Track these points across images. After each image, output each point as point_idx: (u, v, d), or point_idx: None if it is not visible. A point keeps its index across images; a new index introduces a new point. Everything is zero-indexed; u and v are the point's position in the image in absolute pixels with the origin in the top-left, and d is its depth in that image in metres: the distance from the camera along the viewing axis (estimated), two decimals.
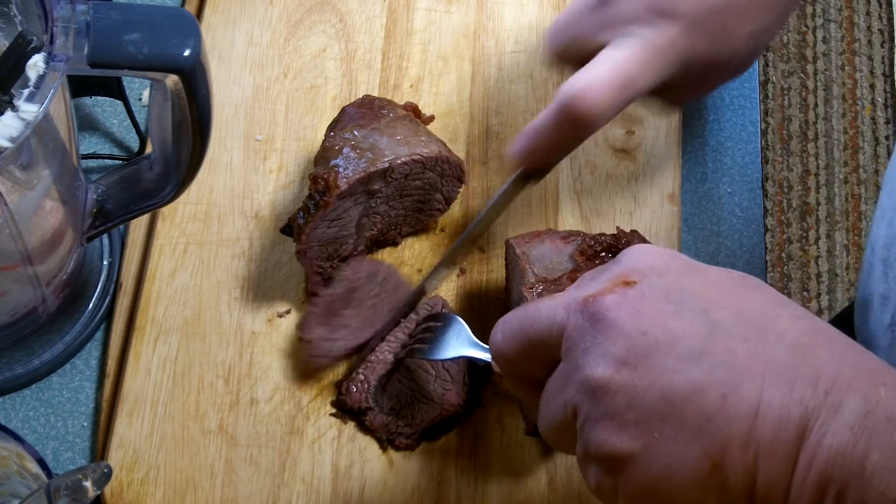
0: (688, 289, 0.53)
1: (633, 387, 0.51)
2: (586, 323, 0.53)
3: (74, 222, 0.73)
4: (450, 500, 0.75)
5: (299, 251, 0.77)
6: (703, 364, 0.50)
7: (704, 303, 0.52)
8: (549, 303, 0.56)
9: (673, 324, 0.51)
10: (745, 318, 0.52)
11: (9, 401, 0.79)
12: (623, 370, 0.51)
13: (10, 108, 0.58)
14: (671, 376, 0.50)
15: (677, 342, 0.51)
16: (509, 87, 0.90)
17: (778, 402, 0.49)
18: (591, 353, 0.52)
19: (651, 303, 0.53)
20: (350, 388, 0.76)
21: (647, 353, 0.51)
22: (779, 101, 2.03)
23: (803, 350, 0.50)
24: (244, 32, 0.90)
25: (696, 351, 0.50)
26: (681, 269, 0.55)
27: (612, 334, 0.52)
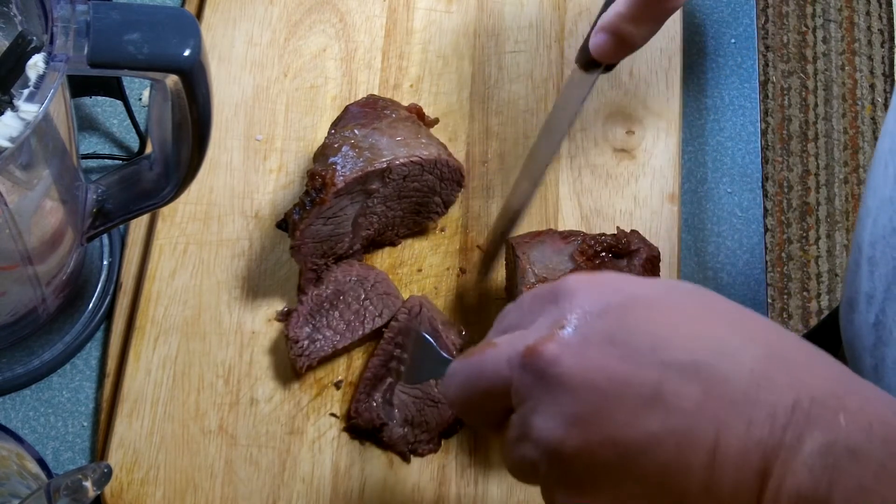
0: (633, 327, 0.50)
1: (587, 447, 0.48)
2: (530, 378, 0.50)
3: (74, 222, 0.73)
4: (450, 500, 0.75)
5: (293, 247, 0.77)
6: (655, 413, 0.47)
7: (652, 341, 0.49)
8: (493, 355, 0.53)
9: (620, 370, 0.48)
10: (697, 352, 0.48)
11: (9, 401, 0.79)
12: (573, 430, 0.48)
13: (10, 108, 0.58)
14: (623, 431, 0.48)
15: (626, 392, 0.48)
16: (509, 87, 0.90)
17: (735, 446, 0.46)
18: (540, 414, 0.50)
19: (595, 349, 0.49)
20: (358, 409, 0.76)
21: (597, 408, 0.48)
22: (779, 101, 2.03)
23: (758, 381, 0.47)
24: (244, 32, 0.90)
25: (646, 398, 0.48)
26: (624, 304, 0.51)
27: (558, 391, 0.49)
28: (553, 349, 0.50)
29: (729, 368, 0.48)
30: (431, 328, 0.78)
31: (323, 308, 0.78)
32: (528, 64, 0.91)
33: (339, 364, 0.79)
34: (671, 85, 0.90)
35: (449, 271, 0.83)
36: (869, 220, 0.74)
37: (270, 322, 0.80)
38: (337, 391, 0.78)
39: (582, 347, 0.50)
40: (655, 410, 0.47)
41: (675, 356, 0.48)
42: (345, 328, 0.78)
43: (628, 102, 0.89)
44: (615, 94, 0.90)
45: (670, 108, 0.89)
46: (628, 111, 0.89)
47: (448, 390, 0.56)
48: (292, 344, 0.77)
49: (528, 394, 0.51)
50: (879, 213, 0.72)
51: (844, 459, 0.45)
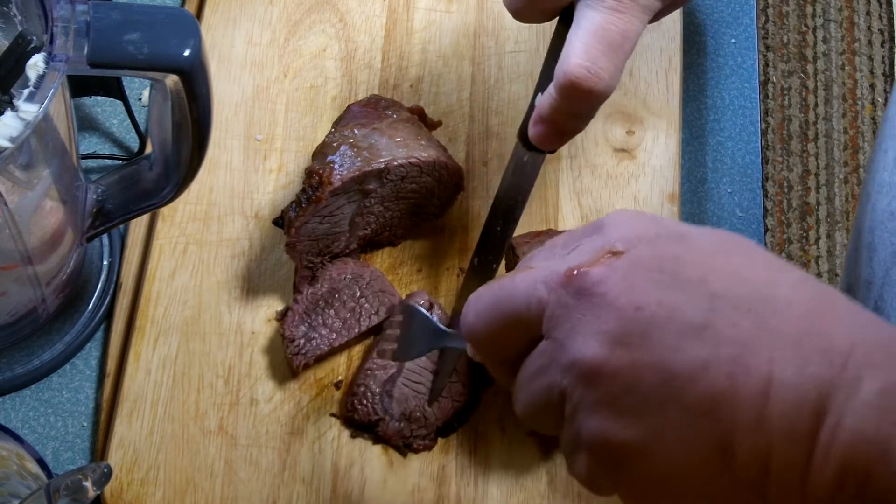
0: (682, 257, 0.48)
1: (630, 369, 0.46)
2: (571, 298, 0.48)
3: (74, 222, 0.73)
4: (450, 500, 0.75)
5: (289, 244, 0.77)
6: (705, 340, 0.46)
7: (701, 272, 0.47)
8: (526, 276, 0.50)
9: (669, 297, 0.47)
10: (747, 286, 0.47)
11: (9, 401, 0.79)
12: (617, 351, 0.46)
13: (10, 108, 0.58)
14: (672, 355, 0.46)
15: (675, 317, 0.46)
16: (509, 87, 0.90)
17: (791, 380, 0.45)
18: (580, 333, 0.47)
19: (643, 275, 0.47)
20: (355, 403, 0.76)
21: (644, 330, 0.46)
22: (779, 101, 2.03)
23: (813, 320, 0.46)
24: (244, 32, 0.90)
25: (697, 325, 0.46)
26: (671, 237, 0.49)
27: (603, 311, 0.47)
28: (600, 270, 0.48)
29: (782, 306, 0.46)
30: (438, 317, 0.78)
31: (318, 306, 0.78)
32: (528, 64, 0.91)
33: (339, 364, 0.79)
34: (671, 85, 0.90)
35: (449, 271, 0.83)
36: (868, 205, 0.74)
37: (270, 322, 0.80)
38: (337, 391, 0.78)
39: (630, 271, 0.48)
40: (706, 338, 0.46)
41: (726, 289, 0.47)
42: (341, 326, 0.78)
43: (628, 102, 0.89)
44: (615, 94, 0.89)
45: (670, 108, 0.89)
46: (628, 111, 0.89)
47: (469, 314, 0.53)
48: (288, 343, 0.77)
49: (565, 315, 0.48)
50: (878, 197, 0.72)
51: None
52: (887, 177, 0.71)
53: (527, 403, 0.51)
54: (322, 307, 0.78)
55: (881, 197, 0.72)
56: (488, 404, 0.78)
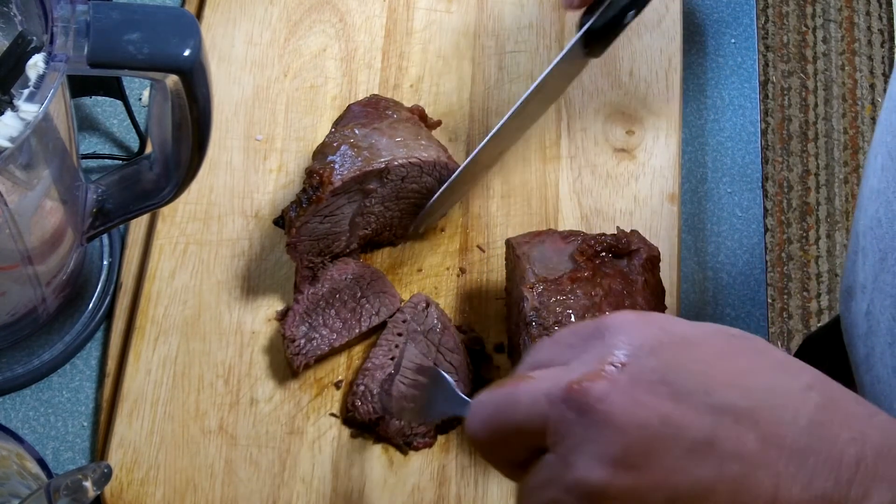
0: (686, 367, 0.47)
1: (635, 490, 0.46)
2: (573, 415, 0.47)
3: (74, 222, 0.73)
4: (450, 500, 0.75)
5: (290, 244, 0.77)
6: (710, 459, 0.45)
7: (706, 383, 0.47)
8: (529, 388, 0.50)
9: (673, 413, 0.46)
10: (752, 396, 0.46)
11: (9, 401, 0.79)
12: (621, 473, 0.46)
13: (10, 108, 0.58)
14: (676, 476, 0.45)
15: (680, 435, 0.46)
16: (509, 87, 0.90)
17: (797, 498, 0.44)
18: (583, 453, 0.47)
19: (646, 388, 0.47)
20: (355, 402, 0.76)
21: (647, 450, 0.46)
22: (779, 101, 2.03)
23: (820, 431, 0.45)
24: (244, 32, 0.90)
25: (701, 443, 0.45)
26: (675, 343, 0.48)
27: (605, 430, 0.46)
28: (601, 386, 0.47)
29: (787, 417, 0.46)
30: (441, 325, 0.78)
31: (319, 307, 0.78)
32: (528, 64, 0.91)
33: (339, 364, 0.79)
34: (671, 85, 0.90)
35: (449, 271, 0.83)
36: (862, 209, 0.74)
37: (270, 322, 0.80)
38: (337, 391, 0.78)
39: (632, 386, 0.47)
40: (710, 457, 0.45)
41: (730, 401, 0.46)
42: (341, 326, 0.78)
43: (628, 102, 0.89)
44: (615, 94, 0.90)
45: (670, 108, 0.89)
46: (628, 111, 0.89)
47: (472, 423, 0.52)
48: (289, 343, 0.77)
49: (568, 432, 0.47)
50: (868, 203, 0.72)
51: None
52: (875, 183, 0.71)
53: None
54: (323, 307, 0.78)
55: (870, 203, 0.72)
56: None
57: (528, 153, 0.87)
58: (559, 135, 0.88)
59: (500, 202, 0.85)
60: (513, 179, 0.86)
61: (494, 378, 0.79)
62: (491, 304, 0.82)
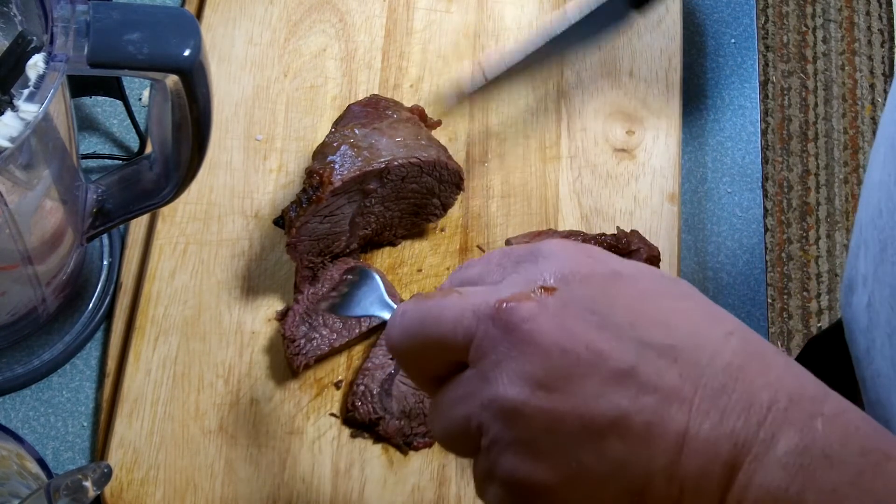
0: (615, 300, 0.48)
1: (551, 412, 0.46)
2: (499, 332, 0.47)
3: (74, 222, 0.73)
4: (450, 500, 0.75)
5: (290, 244, 0.77)
6: (628, 388, 0.46)
7: (633, 317, 0.47)
8: (456, 302, 0.50)
9: (598, 340, 0.46)
10: (676, 335, 0.47)
11: (9, 401, 0.79)
12: (539, 393, 0.46)
13: (10, 108, 0.58)
14: (593, 401, 0.46)
15: (601, 362, 0.46)
16: (509, 87, 0.90)
17: (706, 434, 0.45)
18: (504, 370, 0.47)
19: (574, 315, 0.47)
20: (355, 402, 0.76)
21: (568, 373, 0.46)
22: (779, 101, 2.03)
23: (736, 374, 0.46)
24: (244, 32, 0.90)
25: (621, 373, 0.46)
26: (607, 276, 0.49)
27: (529, 350, 0.47)
28: (529, 307, 0.47)
29: (707, 357, 0.46)
30: None
31: (319, 307, 0.78)
32: (528, 64, 0.90)
33: (339, 364, 0.79)
34: (671, 85, 0.90)
35: (449, 271, 0.83)
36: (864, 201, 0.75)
37: (270, 322, 0.80)
38: (337, 391, 0.78)
39: (560, 310, 0.47)
40: (628, 387, 0.46)
41: (654, 337, 0.47)
42: (341, 327, 0.78)
43: (628, 102, 0.89)
44: (615, 94, 0.90)
45: (670, 108, 0.89)
46: (628, 111, 0.89)
47: (393, 331, 0.52)
48: (288, 343, 0.77)
49: (491, 348, 0.48)
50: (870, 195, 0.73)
51: (820, 463, 0.44)
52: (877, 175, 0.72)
53: (443, 427, 0.51)
54: (322, 307, 0.78)
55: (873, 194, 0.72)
56: None
57: (528, 153, 0.87)
58: (559, 135, 0.88)
59: (500, 202, 0.85)
60: (513, 179, 0.86)
61: None
62: None
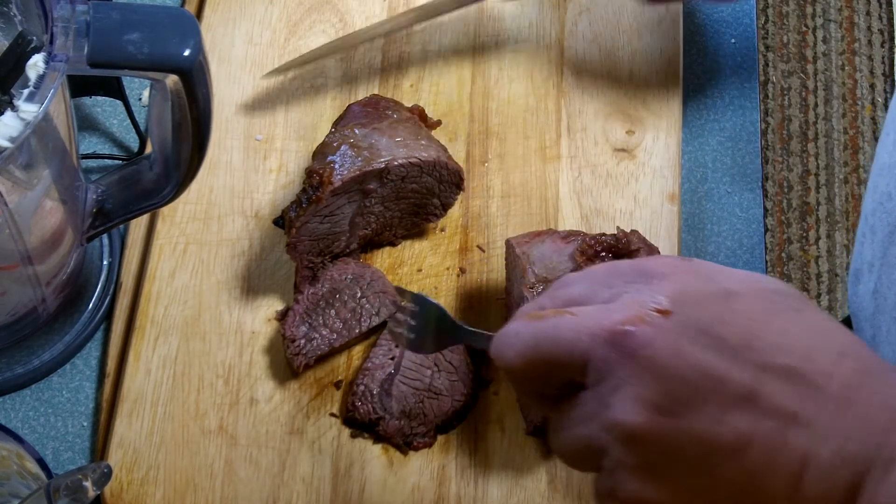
0: (730, 321, 0.48)
1: (672, 437, 0.47)
2: (617, 356, 0.48)
3: (74, 222, 0.73)
4: (450, 500, 0.75)
5: (290, 244, 0.77)
6: (748, 412, 0.46)
7: (748, 338, 0.48)
8: (571, 325, 0.50)
9: (715, 364, 0.47)
10: (793, 356, 0.47)
11: (9, 401, 0.79)
12: (659, 418, 0.47)
13: (10, 108, 0.58)
14: (714, 426, 0.46)
15: (720, 386, 0.47)
16: (509, 87, 0.90)
17: (827, 458, 0.45)
18: (624, 395, 0.47)
19: (690, 338, 0.47)
20: (355, 402, 0.76)
21: (688, 399, 0.47)
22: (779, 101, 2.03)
23: (853, 395, 0.46)
24: (244, 32, 0.90)
25: (741, 397, 0.46)
26: (720, 295, 0.49)
27: (647, 375, 0.47)
28: (647, 332, 0.48)
29: (824, 378, 0.47)
30: None
31: (319, 307, 0.78)
32: (528, 64, 0.91)
33: (338, 364, 0.79)
34: (671, 85, 0.90)
35: (449, 271, 0.83)
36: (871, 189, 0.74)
37: (270, 322, 0.80)
38: (337, 391, 0.78)
39: (677, 334, 0.48)
40: (748, 410, 0.46)
41: (771, 358, 0.47)
42: (341, 326, 0.78)
43: (628, 102, 0.89)
44: (615, 94, 0.90)
45: (670, 108, 0.89)
46: (628, 111, 0.89)
47: (507, 352, 0.53)
48: (289, 343, 0.77)
49: (610, 372, 0.48)
50: (879, 179, 0.72)
51: None
52: (887, 158, 0.71)
53: (565, 445, 0.52)
54: (323, 307, 0.78)
55: (881, 179, 0.72)
56: (488, 404, 0.78)
57: (528, 153, 0.87)
58: (559, 135, 0.88)
59: (500, 202, 0.85)
60: (513, 179, 0.86)
61: (494, 378, 0.79)
62: (491, 304, 0.82)
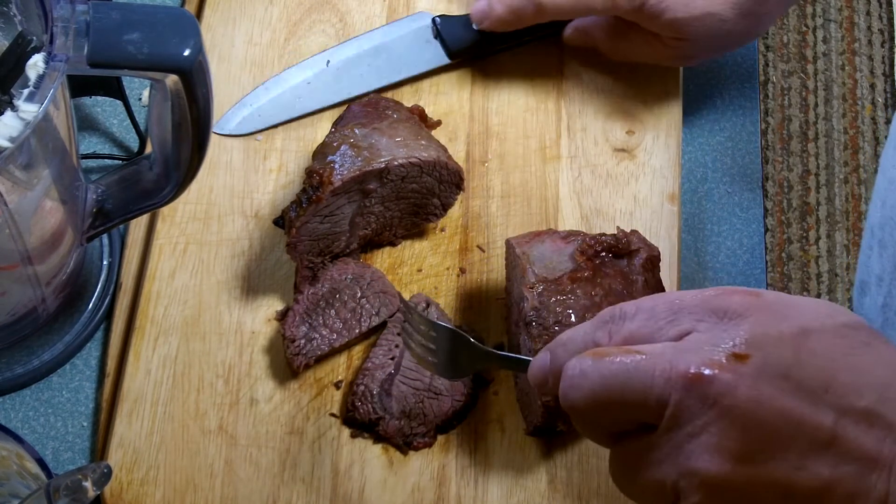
0: (806, 363, 0.48)
1: (753, 485, 0.47)
2: (695, 403, 0.47)
3: (74, 222, 0.73)
4: (450, 500, 0.75)
5: (289, 244, 0.77)
6: (828, 457, 0.46)
7: (825, 379, 0.47)
8: (642, 365, 0.49)
9: (795, 409, 0.47)
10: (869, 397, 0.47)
11: (9, 401, 0.79)
12: (740, 467, 0.47)
13: (10, 108, 0.58)
14: (795, 472, 0.46)
15: (800, 432, 0.46)
16: (509, 87, 0.90)
17: None
18: (703, 443, 0.47)
19: (769, 383, 0.47)
20: (355, 402, 0.76)
21: (768, 445, 0.47)
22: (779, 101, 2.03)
23: None
24: (244, 32, 0.90)
25: (821, 442, 0.46)
26: (796, 335, 0.49)
27: (727, 423, 0.47)
28: (727, 379, 0.47)
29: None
30: None
31: (319, 307, 0.78)
32: (528, 64, 0.90)
33: (339, 364, 0.79)
34: (671, 85, 0.90)
35: (449, 271, 0.83)
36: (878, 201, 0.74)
37: (270, 322, 0.80)
38: (337, 391, 0.78)
39: (756, 379, 0.47)
40: (828, 456, 0.46)
41: (849, 401, 0.47)
42: (341, 326, 0.78)
43: (628, 102, 0.89)
44: (615, 94, 0.90)
45: (670, 108, 0.89)
46: (628, 111, 0.89)
47: (574, 393, 0.52)
48: (289, 343, 0.77)
49: (688, 420, 0.48)
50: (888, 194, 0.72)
51: None
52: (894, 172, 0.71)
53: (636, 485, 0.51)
54: (323, 307, 0.78)
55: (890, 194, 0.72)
56: (488, 404, 0.78)
57: (528, 153, 0.87)
58: (559, 135, 0.88)
59: (500, 202, 0.85)
60: (513, 179, 0.86)
61: (494, 378, 0.79)
62: (491, 304, 0.82)
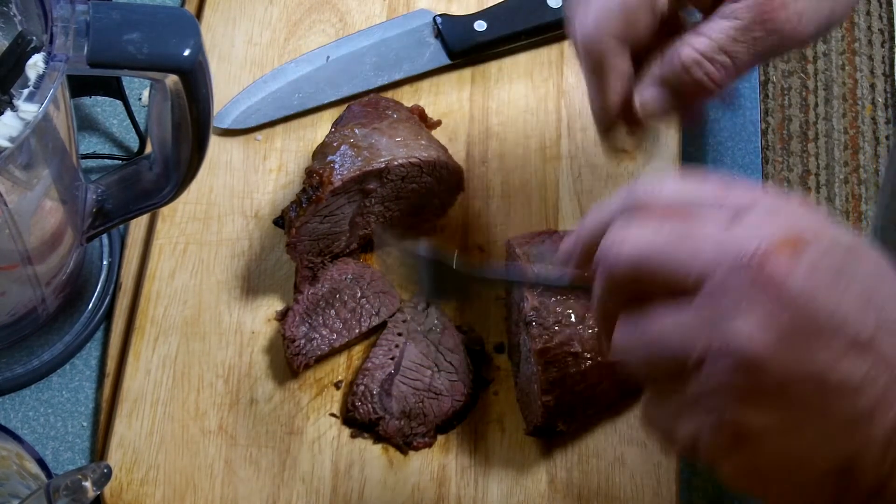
0: (857, 268, 0.48)
1: (790, 368, 0.47)
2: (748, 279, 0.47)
3: (74, 222, 0.73)
4: (450, 500, 0.75)
5: (289, 244, 0.77)
6: (863, 360, 0.47)
7: (871, 288, 0.48)
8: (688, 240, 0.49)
9: (844, 305, 0.47)
10: None
11: (9, 401, 0.79)
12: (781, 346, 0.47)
13: (10, 108, 0.58)
14: (832, 366, 0.47)
15: (844, 328, 0.47)
16: (509, 86, 0.90)
17: None
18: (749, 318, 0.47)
19: (823, 276, 0.47)
20: (355, 402, 0.76)
21: (812, 333, 0.47)
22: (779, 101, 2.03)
23: None
24: (244, 32, 0.90)
25: (862, 342, 0.47)
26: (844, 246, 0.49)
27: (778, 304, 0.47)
28: (786, 261, 0.47)
29: None
30: (441, 325, 0.78)
31: (319, 307, 0.78)
32: (529, 64, 0.90)
33: (338, 364, 0.79)
34: None
35: None
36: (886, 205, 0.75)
37: (270, 322, 0.80)
38: (337, 391, 0.78)
39: (813, 268, 0.47)
40: (865, 358, 0.47)
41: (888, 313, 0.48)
42: (341, 327, 0.78)
43: None
44: None
45: None
46: None
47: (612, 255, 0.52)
48: (289, 343, 0.77)
49: (736, 292, 0.47)
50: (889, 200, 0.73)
51: None
52: None
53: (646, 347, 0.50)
54: (323, 307, 0.78)
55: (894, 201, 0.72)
56: (488, 404, 0.78)
57: (528, 153, 0.87)
58: (559, 135, 0.88)
59: (500, 202, 0.85)
60: (513, 179, 0.86)
61: (494, 378, 0.79)
62: (491, 304, 0.82)
